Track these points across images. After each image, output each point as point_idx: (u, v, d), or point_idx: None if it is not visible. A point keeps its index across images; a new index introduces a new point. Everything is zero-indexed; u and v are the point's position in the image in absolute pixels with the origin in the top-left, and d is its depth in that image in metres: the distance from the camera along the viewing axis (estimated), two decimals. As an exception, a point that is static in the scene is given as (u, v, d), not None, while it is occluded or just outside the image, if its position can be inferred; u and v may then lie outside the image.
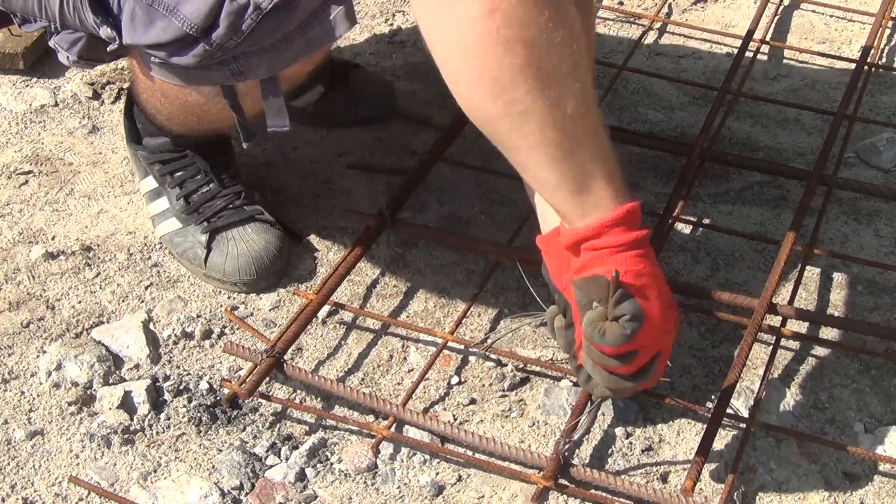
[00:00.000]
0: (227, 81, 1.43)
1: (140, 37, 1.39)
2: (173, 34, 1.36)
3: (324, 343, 1.56)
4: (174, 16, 1.35)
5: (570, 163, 1.21)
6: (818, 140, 1.92)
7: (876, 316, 1.62)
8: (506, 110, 1.19)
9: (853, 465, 1.42)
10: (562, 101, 1.18)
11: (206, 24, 1.34)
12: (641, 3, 2.26)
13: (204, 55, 1.37)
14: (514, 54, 1.15)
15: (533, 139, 1.20)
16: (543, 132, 1.19)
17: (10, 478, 1.37)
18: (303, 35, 1.37)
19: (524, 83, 1.16)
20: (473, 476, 1.39)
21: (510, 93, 1.17)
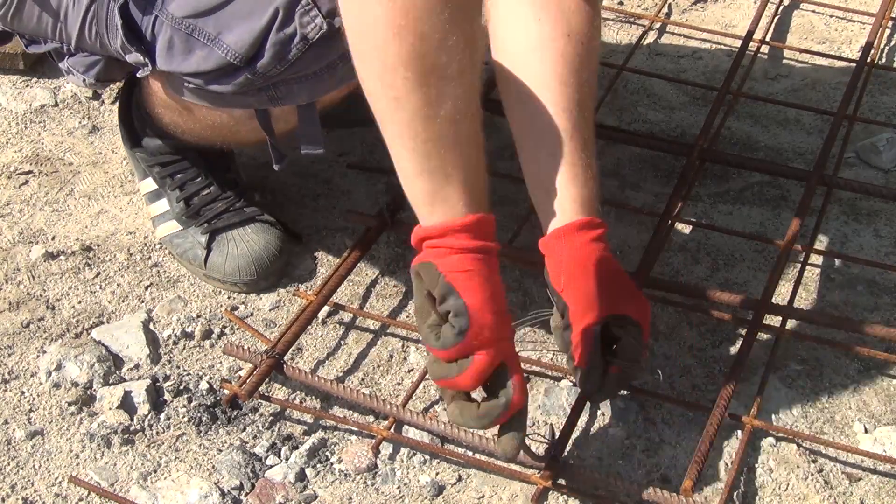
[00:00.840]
0: (263, 106, 1.42)
1: (178, 65, 1.38)
2: (215, 63, 1.35)
3: (324, 343, 1.56)
4: (216, 45, 1.34)
5: (430, 161, 1.21)
6: (818, 140, 1.92)
7: (876, 316, 1.62)
8: (384, 92, 1.19)
9: (853, 465, 1.42)
10: (438, 101, 1.18)
11: (250, 53, 1.33)
12: (641, 3, 2.26)
13: (245, 83, 1.36)
14: (403, 43, 1.15)
15: (399, 127, 1.20)
16: (411, 124, 1.19)
17: (10, 478, 1.37)
18: (345, 63, 1.35)
19: (404, 72, 1.16)
20: (473, 476, 1.39)
21: (390, 77, 1.17)
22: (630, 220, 1.75)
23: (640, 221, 1.75)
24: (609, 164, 1.83)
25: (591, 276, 1.36)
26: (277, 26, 1.32)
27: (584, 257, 1.37)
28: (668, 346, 1.56)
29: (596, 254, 1.37)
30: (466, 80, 1.19)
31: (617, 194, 1.79)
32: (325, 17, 1.32)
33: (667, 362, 1.54)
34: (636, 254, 1.67)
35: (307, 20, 1.32)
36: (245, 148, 1.65)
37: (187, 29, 1.35)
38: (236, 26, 1.33)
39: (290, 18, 1.31)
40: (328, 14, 1.32)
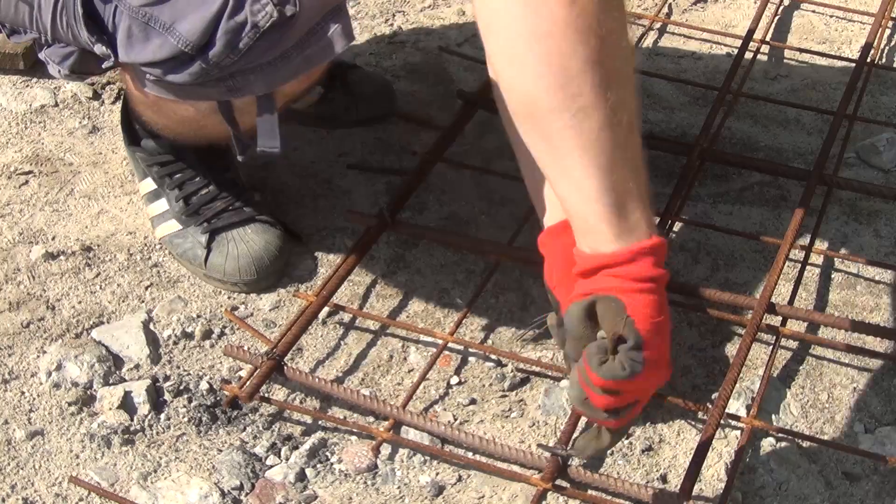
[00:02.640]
0: (223, 97, 1.41)
1: (136, 55, 1.37)
2: (169, 52, 1.34)
3: (324, 343, 1.56)
4: (170, 34, 1.33)
5: (615, 175, 1.15)
6: (818, 140, 1.92)
7: (876, 316, 1.62)
8: (567, 104, 1.14)
9: (853, 465, 1.42)
10: (620, 108, 1.14)
11: (201, 42, 1.32)
12: (641, 3, 2.26)
13: (200, 73, 1.35)
14: (589, 46, 1.11)
15: (588, 139, 1.15)
16: (601, 133, 1.14)
17: (11, 478, 1.37)
18: (300, 52, 1.36)
19: (593, 77, 1.12)
20: (473, 476, 1.39)
21: (576, 84, 1.13)
22: (630, 220, 1.75)
23: (640, 221, 1.75)
24: (609, 164, 1.83)
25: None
26: (228, 14, 1.31)
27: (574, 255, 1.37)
28: (668, 346, 1.56)
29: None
30: (632, 86, 1.16)
31: (617, 194, 1.79)
32: (276, 4, 1.30)
33: (667, 362, 1.54)
34: (636, 254, 1.66)
35: (258, 8, 1.30)
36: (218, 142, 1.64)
37: (144, 17, 1.35)
38: (190, 14, 1.32)
39: (241, 6, 1.30)
40: (279, 2, 1.30)
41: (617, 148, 1.15)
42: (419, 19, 2.19)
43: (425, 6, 2.22)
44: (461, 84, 1.99)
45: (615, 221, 1.15)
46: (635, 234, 1.15)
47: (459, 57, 2.06)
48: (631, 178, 1.16)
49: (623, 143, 1.15)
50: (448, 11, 2.21)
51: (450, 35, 2.14)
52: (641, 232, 1.15)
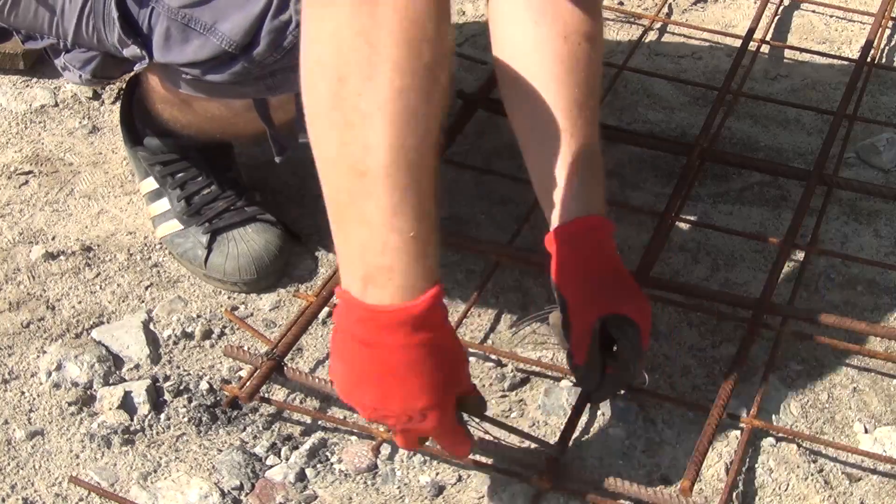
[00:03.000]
0: (261, 95, 1.41)
1: (175, 56, 1.37)
2: (210, 52, 1.34)
3: (324, 343, 1.56)
4: (212, 34, 1.33)
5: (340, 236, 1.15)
6: (818, 140, 1.92)
7: (876, 316, 1.62)
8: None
9: (853, 465, 1.42)
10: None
11: (245, 41, 1.32)
12: (641, 3, 2.26)
13: (241, 72, 1.35)
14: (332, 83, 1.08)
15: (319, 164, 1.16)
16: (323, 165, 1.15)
17: (10, 478, 1.37)
18: None
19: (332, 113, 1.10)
20: (473, 476, 1.39)
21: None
22: (630, 220, 1.75)
23: (640, 221, 1.75)
24: (609, 164, 1.83)
25: (592, 273, 1.37)
26: (273, 13, 1.31)
27: (586, 255, 1.37)
28: (668, 346, 1.56)
29: (597, 252, 1.38)
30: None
31: (617, 194, 1.79)
32: None
33: (667, 362, 1.54)
34: (636, 254, 1.67)
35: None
36: (245, 140, 1.64)
37: (183, 19, 1.35)
38: (232, 14, 1.32)
39: (286, 5, 1.30)
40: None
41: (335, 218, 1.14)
42: (419, 19, 2.19)
43: (425, 6, 2.22)
44: (461, 84, 1.99)
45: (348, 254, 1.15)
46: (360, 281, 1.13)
47: (459, 57, 2.06)
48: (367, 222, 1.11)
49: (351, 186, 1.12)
50: (448, 11, 2.21)
51: (450, 35, 2.14)
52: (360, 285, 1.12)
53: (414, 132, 1.08)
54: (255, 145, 1.86)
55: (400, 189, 1.08)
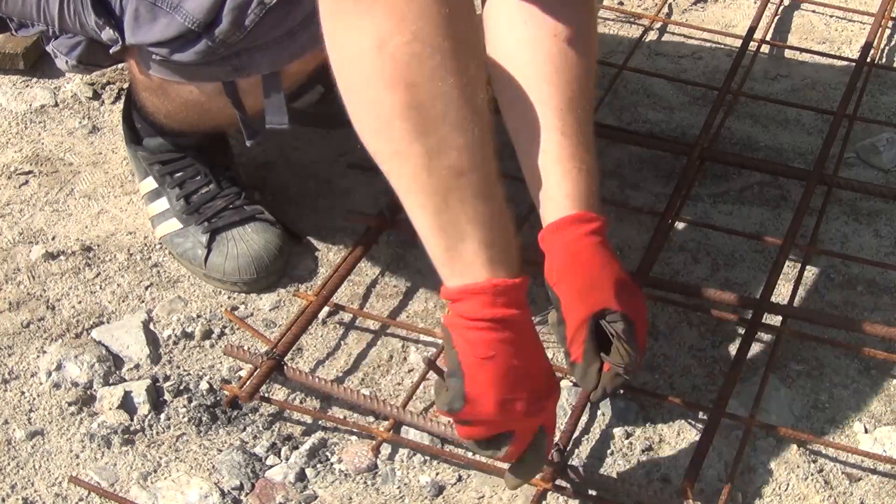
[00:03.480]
0: (229, 77, 1.42)
1: (143, 36, 1.39)
2: (176, 30, 1.36)
3: (324, 343, 1.56)
4: (177, 12, 1.35)
5: (442, 217, 1.16)
6: (818, 140, 1.92)
7: (876, 316, 1.62)
8: (384, 148, 1.17)
9: (853, 465, 1.42)
10: (441, 152, 1.14)
11: (208, 19, 1.34)
12: (641, 3, 2.26)
13: (206, 51, 1.36)
14: (397, 94, 1.12)
15: (405, 182, 1.17)
16: (416, 178, 1.15)
17: (10, 478, 1.37)
18: (307, 30, 1.36)
19: (403, 124, 1.14)
20: (473, 476, 1.39)
21: (388, 132, 1.15)
22: (630, 220, 1.75)
23: (640, 221, 1.75)
24: (609, 164, 1.83)
25: (583, 269, 1.37)
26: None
27: (576, 251, 1.38)
28: (668, 346, 1.56)
29: (588, 247, 1.38)
30: (468, 127, 1.15)
31: (617, 194, 1.79)
32: None
33: (667, 362, 1.54)
34: (636, 254, 1.67)
35: None
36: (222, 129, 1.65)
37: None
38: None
39: None
40: None
41: (439, 192, 1.15)
42: (419, 19, 2.19)
43: (425, 6, 2.22)
44: (461, 84, 1.99)
45: (447, 261, 1.18)
46: (468, 275, 1.17)
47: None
48: (464, 221, 1.16)
49: (450, 186, 1.15)
50: (448, 11, 2.21)
51: (450, 35, 2.14)
52: (476, 272, 1.16)
53: (481, 120, 1.14)
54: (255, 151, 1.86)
55: (492, 176, 1.17)
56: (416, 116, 1.13)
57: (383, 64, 1.12)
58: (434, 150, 1.14)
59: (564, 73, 1.41)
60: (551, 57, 1.41)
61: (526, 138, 1.43)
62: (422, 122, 1.13)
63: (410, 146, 1.14)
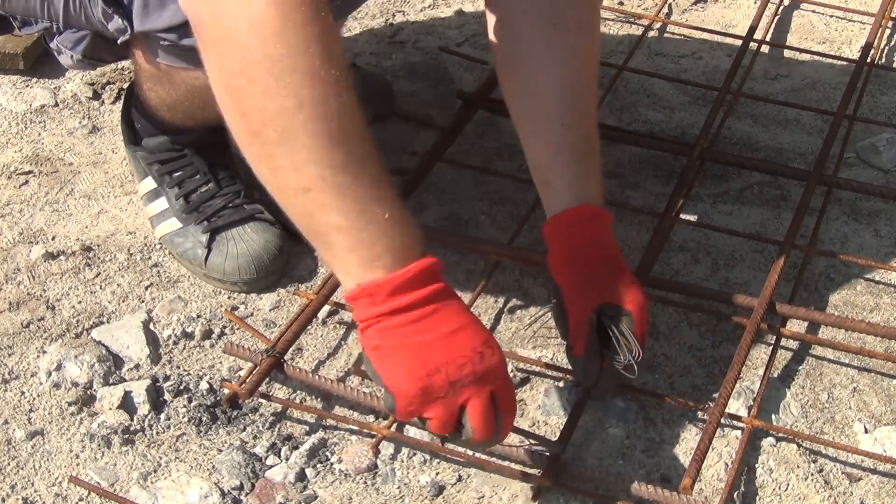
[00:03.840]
0: None
1: (153, 22, 1.39)
2: (185, 16, 1.36)
3: (324, 343, 1.56)
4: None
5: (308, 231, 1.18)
6: (818, 140, 1.92)
7: (876, 316, 1.62)
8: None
9: (853, 465, 1.42)
10: (278, 172, 1.16)
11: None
12: (641, 3, 2.26)
13: None
14: (241, 123, 1.17)
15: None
16: (277, 198, 1.19)
17: (10, 478, 1.37)
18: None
19: (248, 151, 1.18)
20: (473, 476, 1.39)
21: (246, 156, 1.19)
22: (630, 220, 1.75)
23: (640, 221, 1.75)
24: (609, 164, 1.83)
25: (586, 264, 1.37)
26: None
27: (580, 245, 1.38)
28: (668, 346, 1.56)
29: (591, 241, 1.38)
30: (299, 147, 1.14)
31: (617, 194, 1.79)
32: None
33: (667, 362, 1.54)
34: (636, 254, 1.67)
35: None
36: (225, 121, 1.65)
37: None
38: None
39: None
40: None
41: (296, 210, 1.18)
42: (419, 19, 2.19)
43: (425, 6, 2.22)
44: (461, 84, 1.99)
45: (333, 269, 1.20)
46: (347, 282, 1.18)
47: (459, 57, 2.06)
48: (327, 230, 1.16)
49: (297, 203, 1.16)
50: (448, 11, 2.21)
51: (450, 35, 2.14)
52: (350, 278, 1.17)
53: (324, 129, 1.14)
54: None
55: (345, 188, 1.14)
56: (256, 142, 1.16)
57: (220, 97, 1.17)
58: (274, 170, 1.16)
59: (566, 64, 1.41)
60: (554, 48, 1.41)
61: (529, 129, 1.44)
62: (259, 147, 1.16)
63: (259, 169, 1.18)
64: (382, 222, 1.15)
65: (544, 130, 1.41)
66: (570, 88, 1.41)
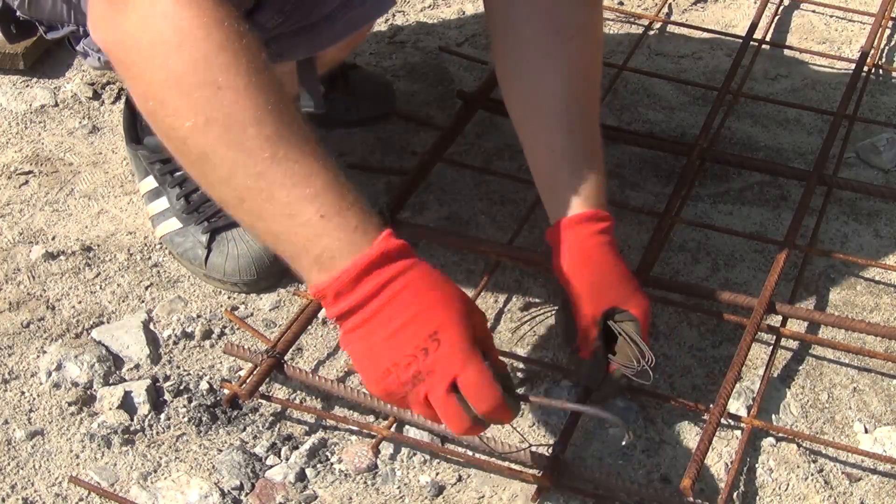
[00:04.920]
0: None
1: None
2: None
3: (324, 343, 1.56)
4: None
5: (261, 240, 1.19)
6: (818, 140, 1.92)
7: (876, 316, 1.62)
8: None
9: (853, 465, 1.42)
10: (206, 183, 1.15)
11: (249, 5, 1.33)
12: (641, 3, 2.26)
13: None
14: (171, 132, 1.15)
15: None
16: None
17: (10, 478, 1.37)
18: (345, 14, 1.36)
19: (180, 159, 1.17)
20: (473, 476, 1.39)
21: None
22: (630, 220, 1.75)
23: (640, 221, 1.75)
24: (609, 164, 1.83)
25: (594, 268, 1.37)
26: None
27: (588, 249, 1.38)
28: (668, 346, 1.56)
29: (599, 246, 1.38)
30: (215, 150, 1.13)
31: (617, 194, 1.79)
32: None
33: (667, 362, 1.54)
34: (636, 254, 1.67)
35: None
36: None
37: None
38: None
39: None
40: None
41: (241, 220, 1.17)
42: (419, 19, 2.19)
43: (425, 6, 2.22)
44: (461, 84, 1.99)
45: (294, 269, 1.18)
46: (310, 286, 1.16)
47: (459, 57, 2.06)
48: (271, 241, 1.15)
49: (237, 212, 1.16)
50: (448, 11, 2.21)
51: (450, 35, 2.14)
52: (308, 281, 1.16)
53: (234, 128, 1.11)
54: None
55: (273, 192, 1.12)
56: (184, 162, 1.16)
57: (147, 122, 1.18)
58: (209, 186, 1.16)
59: (569, 68, 1.41)
60: (563, 53, 1.41)
61: (533, 136, 1.44)
62: (188, 166, 1.15)
63: (201, 186, 1.17)
64: (316, 223, 1.12)
65: (548, 138, 1.41)
66: (573, 96, 1.41)
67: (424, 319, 1.13)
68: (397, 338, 1.13)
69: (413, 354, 1.13)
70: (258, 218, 1.14)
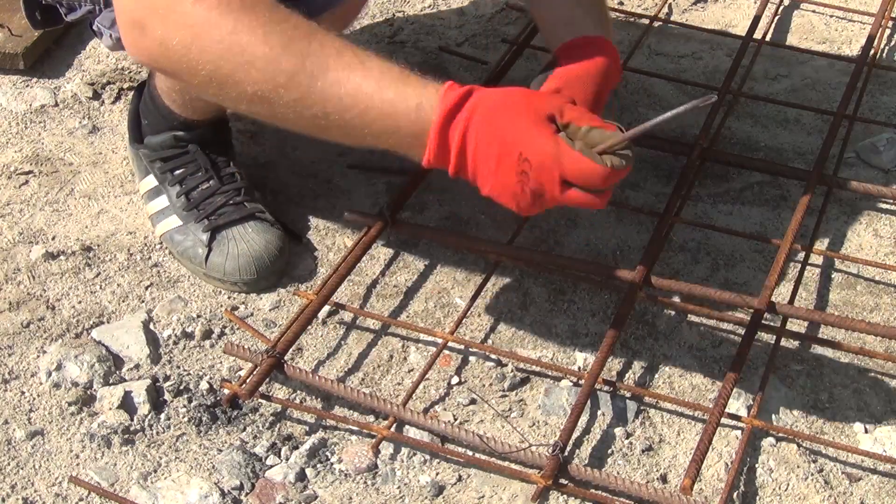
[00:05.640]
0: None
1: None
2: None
3: (324, 343, 1.56)
4: None
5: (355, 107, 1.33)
6: (818, 140, 1.92)
7: (876, 316, 1.62)
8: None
9: (853, 465, 1.42)
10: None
11: None
12: (641, 3, 2.26)
13: None
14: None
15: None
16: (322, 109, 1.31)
17: (10, 478, 1.37)
18: None
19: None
20: (473, 476, 1.39)
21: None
22: (630, 220, 1.75)
23: (640, 221, 1.75)
24: (609, 164, 1.83)
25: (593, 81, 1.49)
26: None
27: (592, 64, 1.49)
28: (668, 346, 1.56)
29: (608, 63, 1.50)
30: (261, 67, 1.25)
31: (617, 194, 1.79)
32: None
33: (667, 362, 1.54)
34: (636, 254, 1.67)
35: None
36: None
37: None
38: None
39: None
40: None
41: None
42: (419, 19, 2.19)
43: (425, 6, 2.22)
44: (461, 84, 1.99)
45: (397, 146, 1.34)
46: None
47: (459, 57, 2.06)
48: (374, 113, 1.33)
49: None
50: (448, 11, 2.21)
51: (450, 35, 2.14)
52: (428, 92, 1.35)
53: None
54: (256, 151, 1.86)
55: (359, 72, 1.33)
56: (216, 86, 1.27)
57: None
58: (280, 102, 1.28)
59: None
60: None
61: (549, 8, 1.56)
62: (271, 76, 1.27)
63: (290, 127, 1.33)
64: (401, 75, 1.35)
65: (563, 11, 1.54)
66: None
67: (506, 150, 1.24)
68: (499, 174, 1.25)
69: (519, 181, 1.24)
70: (349, 107, 1.32)
